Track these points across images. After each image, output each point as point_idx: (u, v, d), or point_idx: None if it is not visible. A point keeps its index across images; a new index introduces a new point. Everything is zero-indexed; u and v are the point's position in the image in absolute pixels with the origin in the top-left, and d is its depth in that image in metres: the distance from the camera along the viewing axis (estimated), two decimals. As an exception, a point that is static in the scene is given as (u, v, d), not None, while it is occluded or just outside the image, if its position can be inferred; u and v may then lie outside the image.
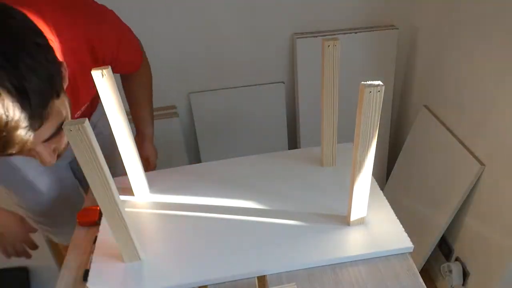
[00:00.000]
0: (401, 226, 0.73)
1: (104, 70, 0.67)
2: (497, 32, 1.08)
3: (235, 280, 0.68)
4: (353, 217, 0.73)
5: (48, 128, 0.57)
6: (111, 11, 0.80)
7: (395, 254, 0.70)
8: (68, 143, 0.54)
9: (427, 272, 1.52)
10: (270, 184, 0.86)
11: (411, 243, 0.70)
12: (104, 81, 0.68)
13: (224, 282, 0.67)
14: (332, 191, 0.82)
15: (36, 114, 0.53)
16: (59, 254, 1.36)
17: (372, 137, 0.61)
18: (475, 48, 1.19)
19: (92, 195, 0.62)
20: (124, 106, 0.74)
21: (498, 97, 1.11)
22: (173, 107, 1.59)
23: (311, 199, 0.81)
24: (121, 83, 0.94)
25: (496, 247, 1.14)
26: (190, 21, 1.43)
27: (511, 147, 1.07)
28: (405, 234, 0.72)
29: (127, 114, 0.77)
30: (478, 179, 1.20)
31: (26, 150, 0.57)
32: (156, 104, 1.59)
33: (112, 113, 0.72)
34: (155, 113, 1.62)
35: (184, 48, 1.48)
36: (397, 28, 1.50)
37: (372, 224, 0.74)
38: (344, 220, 0.75)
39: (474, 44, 1.19)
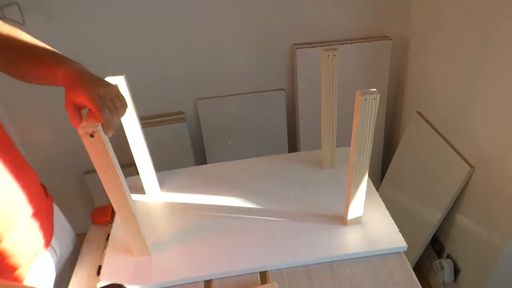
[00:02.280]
0: (395, 226, 0.73)
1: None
2: (485, 42, 1.08)
3: (238, 275, 0.67)
4: (350, 217, 0.72)
5: None
6: None
7: (390, 253, 0.69)
8: None
9: (420, 269, 1.50)
10: (272, 185, 0.86)
11: (405, 242, 0.69)
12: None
13: (228, 277, 0.67)
14: (330, 192, 0.82)
15: None
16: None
17: (368, 141, 0.61)
18: (464, 56, 1.19)
19: (106, 194, 0.62)
20: (137, 108, 0.75)
21: (486, 104, 1.11)
22: (181, 112, 1.60)
23: (311, 199, 0.80)
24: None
25: (485, 244, 1.13)
26: (197, 33, 1.43)
27: (498, 150, 1.07)
28: (400, 234, 0.71)
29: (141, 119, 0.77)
30: (468, 181, 1.19)
31: None
32: (165, 110, 1.61)
33: (126, 117, 0.73)
34: (163, 118, 1.64)
35: (192, 58, 1.49)
36: (391, 39, 1.50)
37: (368, 224, 0.73)
38: (341, 220, 0.75)
39: (463, 53, 1.19)
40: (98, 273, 0.71)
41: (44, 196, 0.72)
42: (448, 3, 1.24)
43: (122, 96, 0.58)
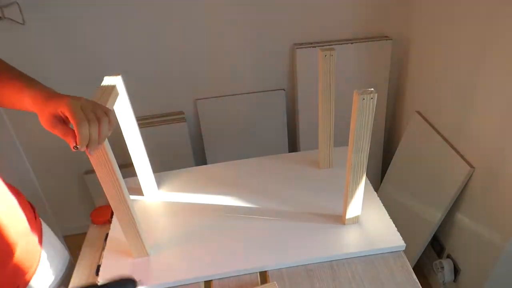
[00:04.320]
0: (393, 225, 0.73)
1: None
2: (485, 42, 1.08)
3: (238, 275, 0.68)
4: (348, 217, 0.72)
5: None
6: None
7: (389, 252, 0.69)
8: None
9: (420, 269, 1.50)
10: (270, 185, 0.86)
11: (403, 241, 0.69)
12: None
13: (228, 277, 0.67)
14: (328, 192, 0.82)
15: None
16: (73, 250, 1.36)
17: (366, 141, 0.61)
18: (464, 56, 1.19)
19: (105, 194, 0.62)
20: (138, 109, 0.75)
21: (487, 104, 1.11)
22: (181, 112, 1.60)
23: (309, 199, 0.80)
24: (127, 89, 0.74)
25: (485, 244, 1.13)
26: (197, 33, 1.44)
27: (498, 151, 1.07)
28: (398, 233, 0.71)
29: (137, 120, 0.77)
30: (468, 181, 1.19)
31: None
32: (165, 110, 1.61)
33: (123, 118, 0.73)
34: (163, 118, 1.64)
35: (192, 58, 1.49)
36: (391, 39, 1.50)
37: (366, 224, 0.73)
38: (339, 219, 0.75)
39: (463, 53, 1.19)
40: (97, 273, 0.71)
41: (33, 219, 0.68)
42: (448, 3, 1.24)
43: (103, 105, 0.52)
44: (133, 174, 0.86)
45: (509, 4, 0.97)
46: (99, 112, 0.49)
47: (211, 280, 0.67)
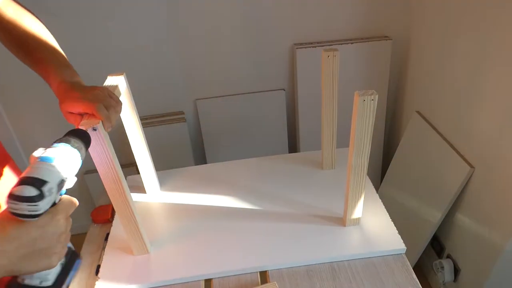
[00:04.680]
0: (394, 228, 0.73)
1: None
2: (485, 42, 1.08)
3: (238, 275, 0.68)
4: (348, 218, 0.72)
5: None
6: None
7: (389, 254, 0.69)
8: None
9: (420, 269, 1.51)
10: (272, 185, 0.86)
11: (403, 245, 0.69)
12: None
13: (228, 276, 0.68)
14: (330, 193, 0.82)
15: None
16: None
17: (367, 142, 0.61)
18: (464, 56, 1.19)
19: (106, 193, 0.62)
20: (138, 108, 0.75)
21: (487, 104, 1.11)
22: (181, 113, 1.60)
23: (311, 200, 0.80)
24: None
25: (485, 244, 1.14)
26: (197, 33, 1.44)
27: (498, 150, 1.07)
28: (399, 236, 0.71)
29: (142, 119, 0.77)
30: (468, 181, 1.19)
31: None
32: (165, 110, 1.61)
33: (126, 116, 0.73)
34: (163, 118, 1.64)
35: (192, 58, 1.49)
36: (391, 39, 1.50)
37: (367, 226, 0.73)
38: (340, 221, 0.75)
39: (463, 53, 1.19)
40: (97, 272, 0.71)
41: None
42: (448, 3, 1.24)
43: (114, 94, 0.59)
44: (136, 172, 0.86)
45: (509, 4, 0.97)
46: (111, 102, 0.58)
47: (211, 279, 0.67)
